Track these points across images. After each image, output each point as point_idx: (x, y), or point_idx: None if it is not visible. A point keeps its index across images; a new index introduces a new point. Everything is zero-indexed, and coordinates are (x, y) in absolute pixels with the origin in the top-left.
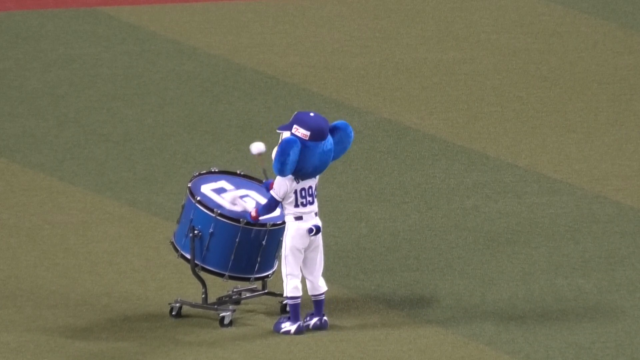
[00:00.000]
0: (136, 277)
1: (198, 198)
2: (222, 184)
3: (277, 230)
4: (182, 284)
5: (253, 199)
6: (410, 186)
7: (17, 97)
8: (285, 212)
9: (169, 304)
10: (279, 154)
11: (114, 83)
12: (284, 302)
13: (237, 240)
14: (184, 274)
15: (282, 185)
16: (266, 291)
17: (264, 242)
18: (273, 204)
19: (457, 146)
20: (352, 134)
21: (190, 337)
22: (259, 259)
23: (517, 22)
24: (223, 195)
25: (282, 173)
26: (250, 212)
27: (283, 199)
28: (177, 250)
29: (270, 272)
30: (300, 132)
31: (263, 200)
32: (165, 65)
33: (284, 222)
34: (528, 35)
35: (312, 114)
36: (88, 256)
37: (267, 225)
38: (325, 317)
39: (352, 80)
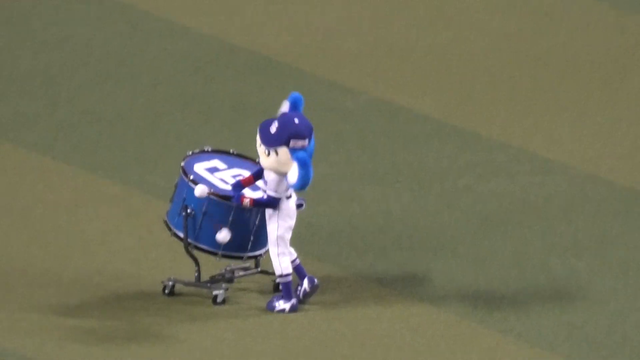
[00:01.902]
0: (129, 256)
1: (191, 177)
2: (215, 162)
3: None
4: (175, 263)
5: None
6: (403, 166)
7: (9, 77)
8: (276, 194)
9: (162, 282)
10: (302, 177)
11: (106, 63)
12: (277, 280)
13: (230, 219)
14: (177, 253)
15: (281, 183)
16: (259, 269)
17: (257, 222)
18: (274, 201)
19: (449, 126)
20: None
21: (182, 315)
22: (252, 238)
23: (509, 4)
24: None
25: (306, 187)
26: (242, 196)
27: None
28: (170, 229)
29: (264, 250)
30: (300, 143)
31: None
32: (157, 45)
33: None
34: (520, 17)
35: (296, 120)
36: (80, 235)
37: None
38: (313, 278)
39: (345, 61)
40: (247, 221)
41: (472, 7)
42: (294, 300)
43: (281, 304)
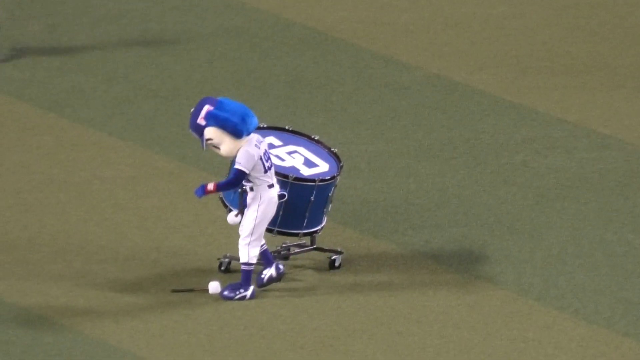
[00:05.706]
0: (185, 232)
1: None
2: (271, 139)
3: (325, 186)
4: (230, 239)
5: (302, 155)
6: (459, 142)
7: (66, 52)
8: (257, 182)
9: (218, 259)
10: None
11: (162, 38)
12: (242, 268)
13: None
14: (232, 230)
15: (245, 156)
16: (315, 246)
17: (312, 198)
18: (240, 176)
19: (506, 101)
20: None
21: None
22: (307, 215)
23: None
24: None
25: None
26: (206, 185)
27: (250, 170)
28: (225, 206)
29: (319, 227)
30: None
31: (311, 156)
32: (214, 20)
33: (332, 177)
34: None
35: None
36: (137, 211)
37: (316, 180)
38: (279, 265)
39: (401, 36)
40: (302, 198)
41: None
42: (253, 287)
43: (242, 292)
